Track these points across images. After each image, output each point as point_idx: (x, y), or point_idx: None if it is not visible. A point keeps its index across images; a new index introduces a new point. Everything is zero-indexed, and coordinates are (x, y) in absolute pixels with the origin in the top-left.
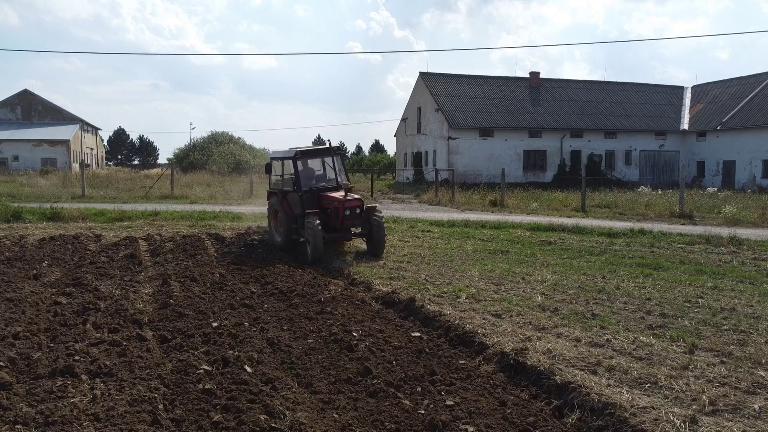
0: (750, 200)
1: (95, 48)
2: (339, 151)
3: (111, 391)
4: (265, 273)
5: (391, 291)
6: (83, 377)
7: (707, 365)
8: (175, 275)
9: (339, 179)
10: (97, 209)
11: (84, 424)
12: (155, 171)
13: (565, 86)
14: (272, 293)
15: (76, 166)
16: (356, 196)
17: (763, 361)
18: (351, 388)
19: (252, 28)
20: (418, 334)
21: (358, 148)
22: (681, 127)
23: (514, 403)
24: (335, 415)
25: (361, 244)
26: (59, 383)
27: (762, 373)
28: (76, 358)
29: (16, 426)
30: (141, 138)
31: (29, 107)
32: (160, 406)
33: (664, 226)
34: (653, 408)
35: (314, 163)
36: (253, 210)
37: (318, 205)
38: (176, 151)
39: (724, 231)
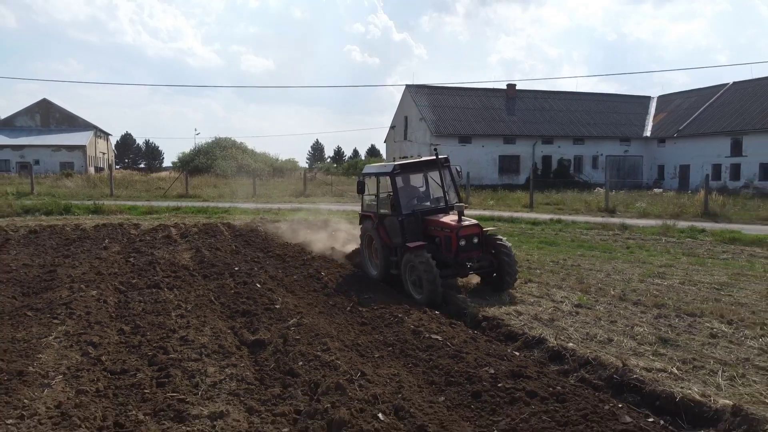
0: (663, 198)
1: (91, 49)
2: (447, 163)
3: (183, 294)
4: (266, 246)
5: (351, 252)
6: (165, 289)
7: (528, 288)
8: (204, 247)
9: (448, 198)
10: (129, 205)
11: (176, 303)
12: (164, 174)
13: (539, 97)
14: (272, 256)
15: (91, 170)
16: (473, 222)
17: (564, 285)
18: (315, 294)
19: (249, 30)
20: (359, 272)
21: (355, 152)
22: (644, 134)
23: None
24: (306, 301)
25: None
26: (153, 291)
27: (560, 291)
28: (158, 282)
29: (140, 304)
30: (147, 143)
31: (47, 115)
32: (212, 297)
33: (582, 218)
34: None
35: (416, 179)
36: (256, 206)
37: (423, 232)
38: (180, 155)
39: (630, 221)
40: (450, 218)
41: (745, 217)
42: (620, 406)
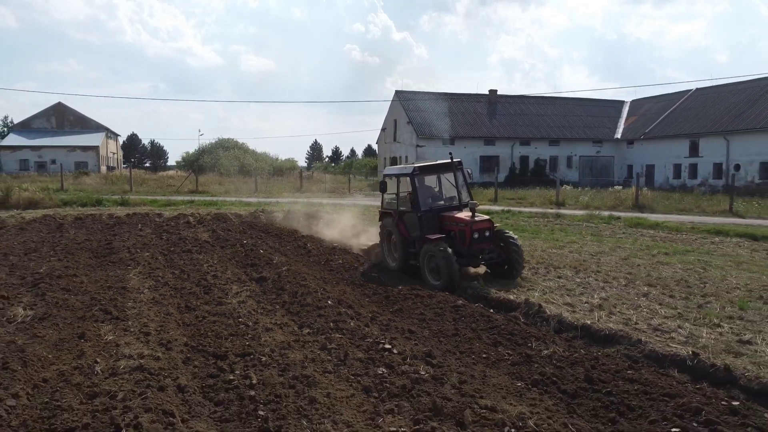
0: (609, 194)
1: (90, 49)
2: (460, 166)
3: (209, 256)
4: (267, 228)
5: (332, 238)
6: (195, 253)
7: None
8: (218, 229)
9: (461, 197)
10: (149, 199)
11: (205, 260)
12: (171, 173)
13: (518, 101)
14: (271, 235)
15: (104, 168)
16: (485, 217)
17: None
18: (301, 256)
19: (249, 30)
20: (336, 245)
21: (352, 151)
22: (615, 136)
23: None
24: (294, 260)
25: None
26: (187, 254)
27: None
28: (189, 249)
29: (181, 260)
30: (152, 143)
31: (62, 117)
32: (229, 257)
33: (530, 209)
34: None
35: (432, 180)
36: (258, 200)
37: (439, 227)
38: (184, 154)
39: (567, 211)
40: (464, 214)
41: (668, 208)
42: (463, 301)
